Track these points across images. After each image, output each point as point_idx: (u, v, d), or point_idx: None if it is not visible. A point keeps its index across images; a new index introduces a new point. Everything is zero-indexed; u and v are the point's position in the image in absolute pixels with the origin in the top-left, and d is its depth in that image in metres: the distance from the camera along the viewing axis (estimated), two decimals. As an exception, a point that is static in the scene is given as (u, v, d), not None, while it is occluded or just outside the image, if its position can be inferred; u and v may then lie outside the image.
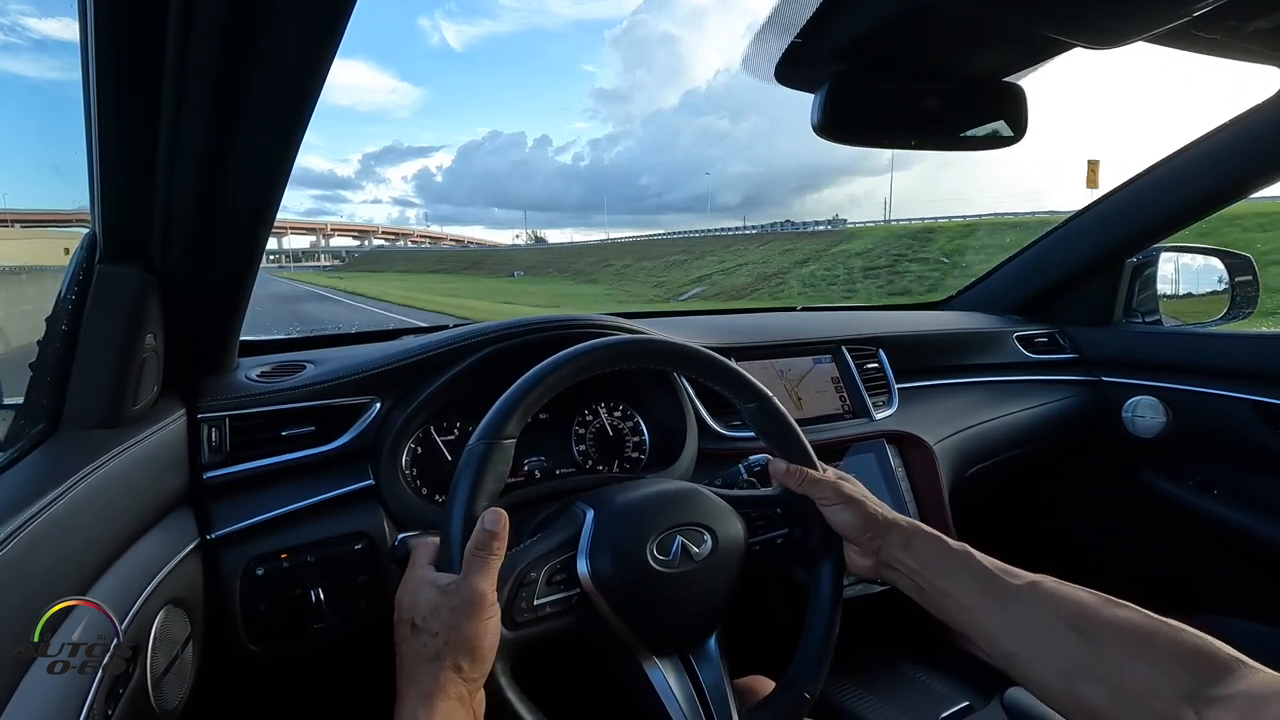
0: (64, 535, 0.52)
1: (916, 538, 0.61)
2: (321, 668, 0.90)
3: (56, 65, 1.95)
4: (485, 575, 0.52)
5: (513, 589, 0.55)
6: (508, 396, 0.60)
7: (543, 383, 0.61)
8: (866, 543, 0.63)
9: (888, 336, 1.31)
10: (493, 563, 0.53)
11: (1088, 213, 1.45)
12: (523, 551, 0.58)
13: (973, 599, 0.56)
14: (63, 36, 0.53)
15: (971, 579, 0.56)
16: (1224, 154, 1.20)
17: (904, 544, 0.61)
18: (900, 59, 0.64)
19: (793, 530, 0.67)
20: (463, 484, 0.56)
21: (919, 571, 0.59)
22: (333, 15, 0.46)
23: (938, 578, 0.58)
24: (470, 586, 0.51)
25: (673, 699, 0.59)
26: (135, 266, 0.64)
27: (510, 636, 0.53)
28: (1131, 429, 1.41)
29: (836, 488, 0.65)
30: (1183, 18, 0.44)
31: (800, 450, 0.70)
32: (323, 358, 0.93)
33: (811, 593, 0.69)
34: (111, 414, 0.64)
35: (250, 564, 0.73)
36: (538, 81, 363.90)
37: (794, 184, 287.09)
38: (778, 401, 0.70)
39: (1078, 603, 0.51)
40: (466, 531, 0.54)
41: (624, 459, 1.01)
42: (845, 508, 0.64)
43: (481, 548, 0.53)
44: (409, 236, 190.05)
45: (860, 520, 0.63)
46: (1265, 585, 1.26)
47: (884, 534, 0.62)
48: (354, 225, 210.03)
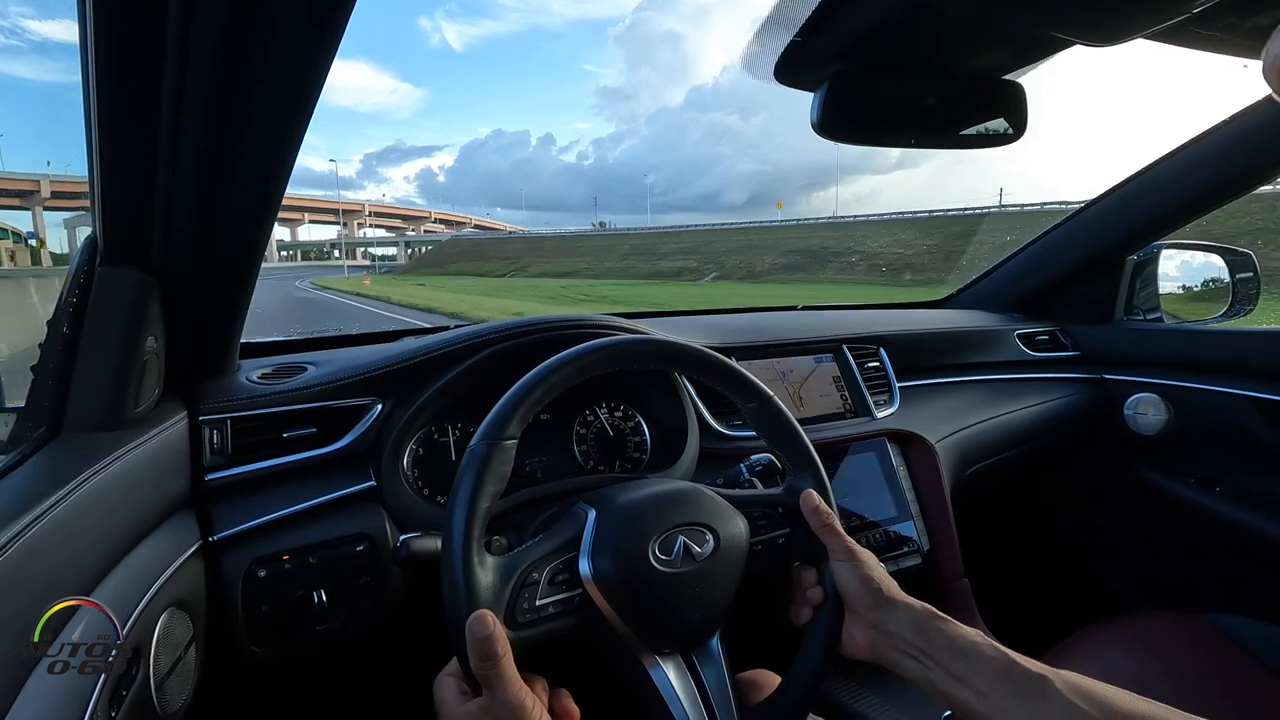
0: (66, 538, 0.52)
1: (928, 619, 0.58)
2: (324, 670, 0.90)
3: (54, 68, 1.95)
4: (508, 682, 0.50)
5: (514, 589, 0.55)
6: (509, 397, 0.60)
7: (544, 382, 0.61)
8: (865, 611, 0.61)
9: (889, 335, 1.31)
10: (505, 665, 0.50)
11: (1088, 210, 1.45)
12: (525, 552, 0.58)
13: (990, 685, 0.53)
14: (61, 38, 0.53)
15: (988, 664, 0.54)
16: (1224, 150, 1.20)
17: (914, 624, 0.58)
18: (900, 58, 0.64)
19: (795, 530, 0.67)
20: (465, 485, 0.56)
21: (930, 654, 0.56)
22: (332, 16, 0.46)
23: (950, 661, 0.55)
24: (503, 702, 0.49)
25: (675, 698, 0.59)
26: (136, 269, 0.64)
27: (512, 637, 0.53)
28: (1133, 426, 1.41)
29: (852, 547, 0.64)
30: (1182, 15, 0.44)
31: (803, 453, 0.70)
32: (324, 359, 0.93)
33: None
34: (113, 416, 0.65)
35: (252, 566, 0.74)
36: (540, 81, 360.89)
37: (801, 182, 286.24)
38: (779, 402, 0.70)
39: (1104, 700, 0.49)
40: (469, 534, 0.54)
41: (625, 459, 1.01)
42: (854, 568, 0.62)
43: (485, 659, 0.50)
44: (465, 224, 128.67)
45: (864, 587, 0.61)
46: (1266, 582, 1.26)
47: (887, 609, 0.60)
48: (395, 208, 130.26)
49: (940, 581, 1.14)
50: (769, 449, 0.72)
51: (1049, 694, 0.50)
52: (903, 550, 1.11)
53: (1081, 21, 0.51)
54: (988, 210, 39.83)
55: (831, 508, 0.66)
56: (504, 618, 0.53)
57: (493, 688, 0.50)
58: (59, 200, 73.72)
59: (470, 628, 0.50)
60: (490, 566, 0.55)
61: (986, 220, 37.49)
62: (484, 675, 0.50)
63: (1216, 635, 0.96)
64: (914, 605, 0.59)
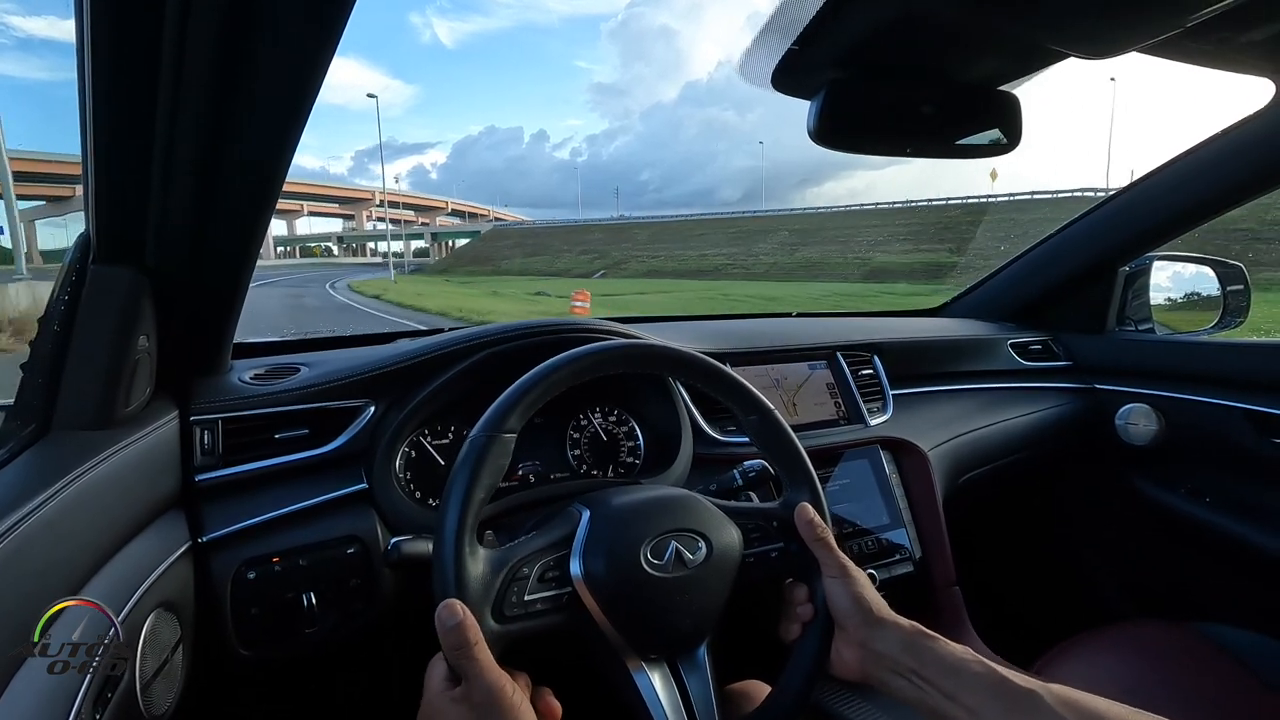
0: (54, 537, 0.51)
1: (917, 637, 0.58)
2: (314, 673, 0.89)
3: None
4: (484, 669, 0.50)
5: (504, 582, 0.55)
6: (512, 390, 0.60)
7: (547, 379, 0.61)
8: (854, 629, 0.60)
9: (883, 343, 1.31)
10: (479, 652, 0.50)
11: (1081, 221, 1.46)
12: (516, 547, 0.58)
13: (980, 702, 0.53)
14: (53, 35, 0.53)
15: (978, 681, 0.54)
16: (1217, 163, 1.21)
17: (903, 643, 0.58)
18: (896, 67, 0.65)
19: (788, 545, 0.67)
20: (462, 473, 0.56)
21: (920, 672, 0.56)
22: (332, 11, 0.46)
23: (941, 679, 0.55)
24: (480, 689, 0.49)
25: (658, 706, 0.58)
26: (129, 267, 0.63)
27: (499, 630, 0.54)
28: (1124, 436, 1.42)
29: (845, 563, 0.63)
30: (1176, 29, 0.44)
31: (800, 468, 0.70)
32: (317, 360, 0.93)
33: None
34: (103, 415, 0.64)
35: (242, 567, 0.73)
36: (533, 77, 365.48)
37: (796, 178, 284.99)
38: (780, 416, 0.70)
39: (1094, 712, 0.49)
40: (463, 522, 0.54)
41: (619, 464, 1.01)
42: (845, 585, 0.62)
43: (457, 647, 0.50)
44: (485, 216, 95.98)
45: (855, 605, 0.61)
46: (1256, 592, 1.27)
47: (876, 627, 0.60)
48: (410, 196, 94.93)
49: (931, 589, 1.14)
50: (766, 462, 0.72)
51: (1040, 708, 0.50)
52: (894, 557, 1.11)
53: (1077, 34, 0.51)
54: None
55: (827, 523, 0.66)
56: (492, 610, 0.54)
57: (468, 676, 0.50)
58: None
59: (439, 616, 0.51)
60: (481, 557, 0.55)
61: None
62: (458, 663, 0.50)
63: (1206, 644, 0.96)
64: (903, 624, 0.60)
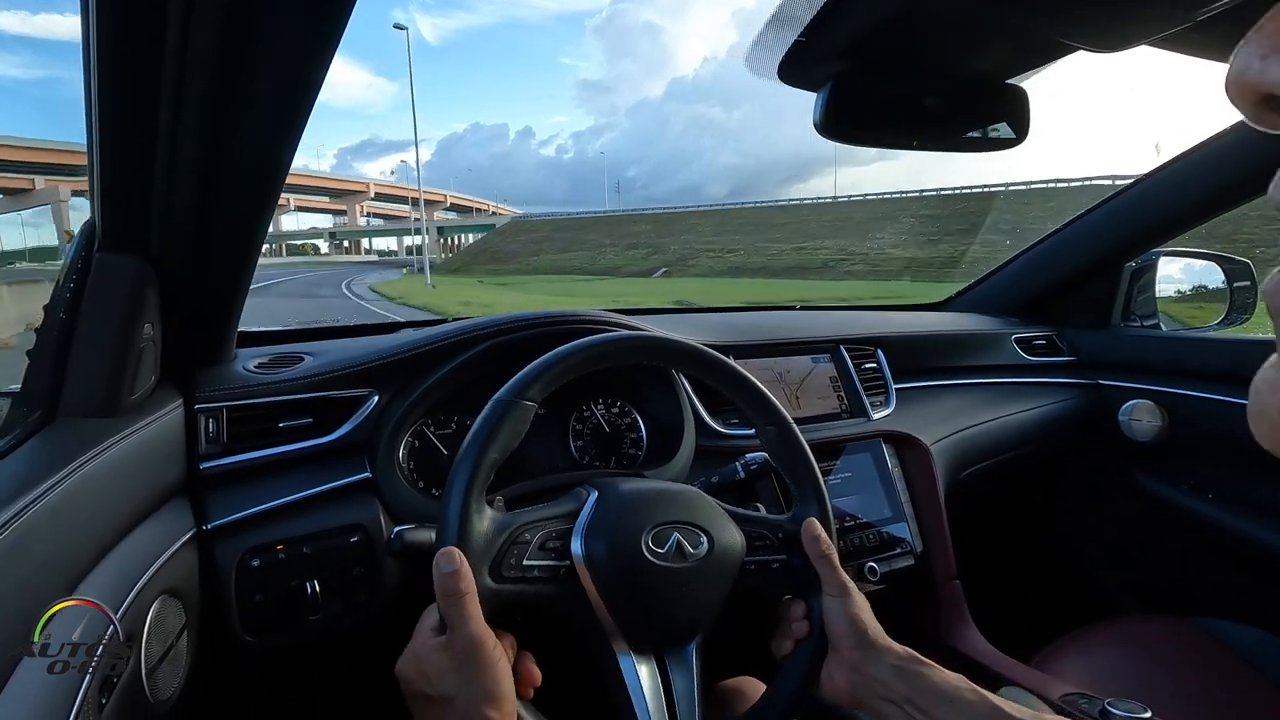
0: (59, 524, 0.52)
1: (911, 663, 0.58)
2: (316, 660, 0.90)
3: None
4: (470, 619, 0.51)
5: (505, 544, 0.56)
6: (538, 363, 0.62)
7: (570, 358, 0.62)
8: (847, 651, 0.60)
9: (886, 337, 1.31)
10: (468, 602, 0.51)
11: (1088, 216, 1.45)
12: (522, 514, 0.59)
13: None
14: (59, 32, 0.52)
15: (972, 710, 0.54)
16: (1224, 159, 1.20)
17: (897, 669, 0.58)
18: (903, 59, 0.64)
19: (791, 558, 0.67)
20: (480, 431, 0.57)
21: (913, 699, 0.56)
22: (334, 6, 0.46)
23: (934, 707, 0.55)
24: (463, 637, 0.50)
25: (640, 697, 0.59)
26: (134, 256, 0.64)
27: (494, 588, 0.54)
28: (1128, 432, 1.41)
29: (845, 583, 0.63)
30: (1185, 23, 0.44)
31: (812, 483, 0.70)
32: (321, 350, 0.93)
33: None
34: (108, 403, 0.64)
35: (246, 555, 0.74)
36: (517, 74, 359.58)
37: (782, 175, 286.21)
38: (798, 430, 0.70)
39: None
40: (474, 478, 0.55)
41: (621, 456, 1.01)
42: (843, 604, 0.62)
43: (449, 593, 0.51)
44: (485, 210, 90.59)
45: (851, 626, 0.61)
46: (1258, 589, 1.27)
47: (869, 651, 0.60)
48: (406, 189, 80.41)
49: (932, 583, 1.14)
50: (778, 474, 0.72)
51: None
52: (895, 551, 1.11)
53: (1086, 27, 0.51)
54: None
55: (832, 540, 0.66)
56: (490, 568, 0.55)
57: (453, 625, 0.51)
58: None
59: (437, 561, 0.52)
60: (487, 516, 0.56)
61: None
62: (448, 611, 0.51)
63: (1207, 639, 0.97)
64: (897, 650, 0.60)
